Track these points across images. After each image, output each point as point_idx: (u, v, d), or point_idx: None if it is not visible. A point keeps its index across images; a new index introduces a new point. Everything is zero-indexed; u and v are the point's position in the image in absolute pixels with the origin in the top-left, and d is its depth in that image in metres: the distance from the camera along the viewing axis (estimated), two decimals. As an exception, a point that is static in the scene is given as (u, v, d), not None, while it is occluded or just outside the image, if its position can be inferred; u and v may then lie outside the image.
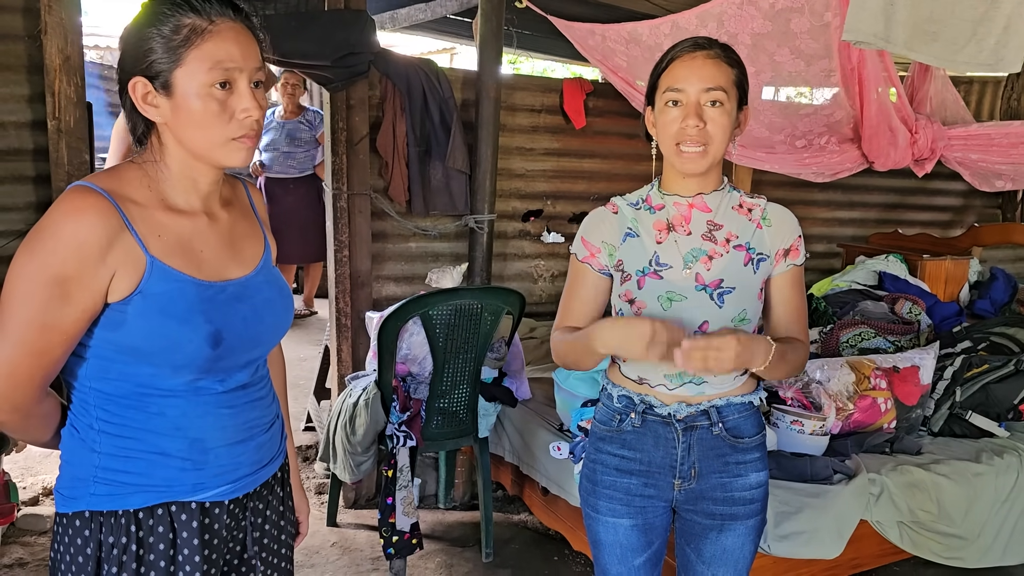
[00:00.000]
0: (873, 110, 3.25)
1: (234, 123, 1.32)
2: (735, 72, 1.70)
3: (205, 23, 1.29)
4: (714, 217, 1.76)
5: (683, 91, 1.67)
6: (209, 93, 1.29)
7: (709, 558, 1.83)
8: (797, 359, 1.76)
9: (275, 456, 1.53)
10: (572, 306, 1.85)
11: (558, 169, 4.70)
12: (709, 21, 3.09)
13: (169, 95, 1.30)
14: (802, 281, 1.81)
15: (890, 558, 2.99)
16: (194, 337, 1.32)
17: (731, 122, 1.69)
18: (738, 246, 1.74)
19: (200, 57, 1.28)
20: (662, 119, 1.70)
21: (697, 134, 1.65)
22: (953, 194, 6.00)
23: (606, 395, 1.87)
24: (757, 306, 1.76)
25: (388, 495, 3.01)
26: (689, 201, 1.76)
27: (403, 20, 5.52)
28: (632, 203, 1.82)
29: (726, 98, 1.67)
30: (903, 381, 3.32)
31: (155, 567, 1.36)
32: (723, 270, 1.73)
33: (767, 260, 1.76)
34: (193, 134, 1.32)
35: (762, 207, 1.78)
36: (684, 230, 1.76)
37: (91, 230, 1.24)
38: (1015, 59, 1.93)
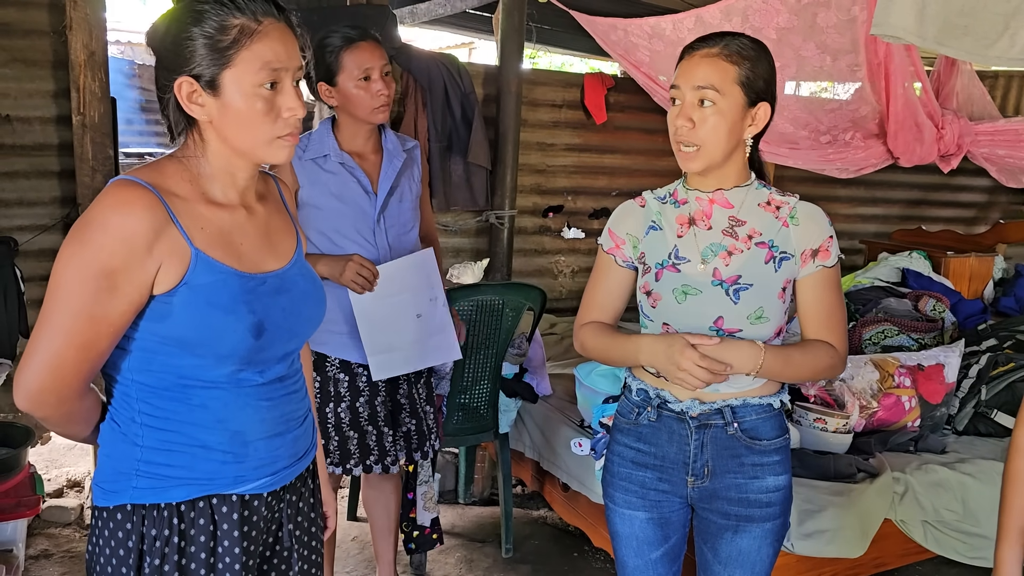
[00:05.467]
0: (899, 105, 3.22)
1: (280, 122, 1.34)
2: (736, 69, 1.65)
3: (254, 24, 1.29)
4: (737, 213, 1.74)
5: (679, 89, 1.67)
6: (257, 93, 1.30)
7: (725, 558, 1.82)
8: (814, 364, 1.72)
9: (309, 449, 1.55)
10: (596, 297, 1.87)
11: (579, 164, 4.69)
12: (734, 15, 3.07)
13: (216, 95, 1.30)
14: (836, 283, 1.75)
15: (913, 557, 2.97)
16: (238, 327, 1.33)
17: (726, 121, 1.65)
18: (760, 243, 1.72)
19: (250, 58, 1.29)
20: (668, 119, 1.71)
21: (687, 134, 1.65)
22: (978, 190, 5.94)
23: (627, 388, 1.88)
24: (778, 305, 1.72)
25: (409, 490, 3.02)
26: (710, 196, 1.75)
27: (423, 15, 5.52)
28: (660, 197, 1.82)
29: (717, 97, 1.63)
30: (928, 379, 3.29)
31: (196, 559, 1.38)
32: (742, 266, 1.71)
33: (791, 259, 1.72)
34: (239, 133, 1.33)
35: (791, 205, 1.75)
36: (705, 225, 1.74)
37: (138, 223, 1.25)
38: (1048, 55, 1.91)
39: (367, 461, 2.54)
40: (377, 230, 2.45)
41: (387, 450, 2.56)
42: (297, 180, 2.39)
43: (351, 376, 2.50)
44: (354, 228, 2.43)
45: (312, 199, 2.40)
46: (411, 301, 2.50)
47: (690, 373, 1.61)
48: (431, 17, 5.57)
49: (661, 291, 1.74)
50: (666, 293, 1.73)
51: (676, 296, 1.72)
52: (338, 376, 2.50)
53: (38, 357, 1.27)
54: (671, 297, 1.73)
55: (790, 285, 1.74)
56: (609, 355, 1.82)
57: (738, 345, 1.65)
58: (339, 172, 2.41)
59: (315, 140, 2.44)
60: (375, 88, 2.34)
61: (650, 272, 1.77)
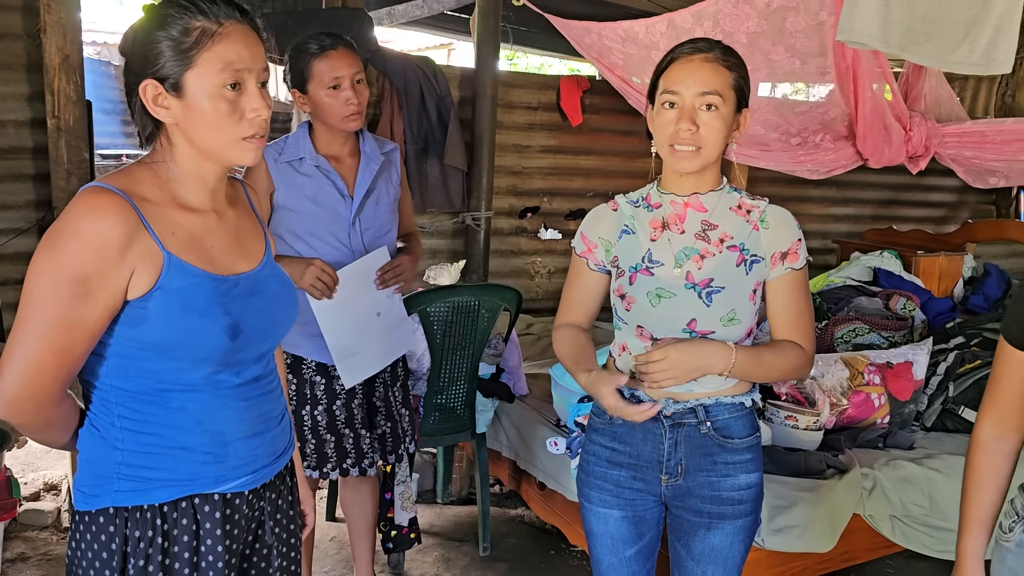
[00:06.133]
0: (868, 108, 3.28)
1: (244, 123, 1.36)
2: (733, 75, 1.71)
3: (215, 25, 1.32)
4: (709, 217, 1.77)
5: (679, 93, 1.69)
6: (220, 94, 1.32)
7: (698, 555, 1.85)
8: (784, 364, 1.77)
9: (287, 447, 1.58)
10: (571, 300, 1.91)
11: (555, 166, 4.73)
12: (705, 19, 3.12)
13: (180, 96, 1.33)
14: (804, 285, 1.79)
15: (881, 552, 3.02)
16: (214, 329, 1.35)
17: (726, 125, 1.70)
18: (732, 246, 1.76)
19: (211, 59, 1.31)
20: (659, 120, 1.72)
21: (690, 137, 1.67)
22: (947, 190, 6.04)
23: None
24: (749, 307, 1.76)
25: (386, 490, 3.04)
26: (685, 200, 1.78)
27: (400, 16, 5.54)
28: (632, 201, 1.85)
29: (721, 102, 1.68)
30: (896, 377, 3.35)
31: (180, 558, 1.40)
32: (714, 270, 1.75)
33: (761, 262, 1.76)
34: (205, 134, 1.35)
35: (761, 209, 1.79)
36: (678, 228, 1.78)
37: (111, 229, 1.27)
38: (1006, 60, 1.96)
39: (344, 464, 2.55)
40: (352, 233, 2.47)
41: (364, 452, 2.58)
42: (272, 183, 2.40)
43: (328, 379, 2.52)
44: (328, 231, 2.44)
45: (287, 201, 2.42)
46: (371, 301, 2.51)
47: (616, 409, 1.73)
48: (409, 19, 5.59)
49: (635, 294, 1.77)
50: (640, 296, 1.77)
51: (650, 299, 1.76)
52: (315, 379, 2.52)
53: (14, 364, 1.28)
54: (645, 300, 1.76)
55: (760, 287, 1.79)
56: (567, 367, 1.90)
57: (710, 346, 1.69)
58: (314, 175, 2.42)
59: (291, 143, 2.45)
60: (344, 97, 2.35)
61: (624, 275, 1.80)
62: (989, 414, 1.64)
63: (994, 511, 1.64)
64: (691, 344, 1.69)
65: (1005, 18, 1.93)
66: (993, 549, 1.62)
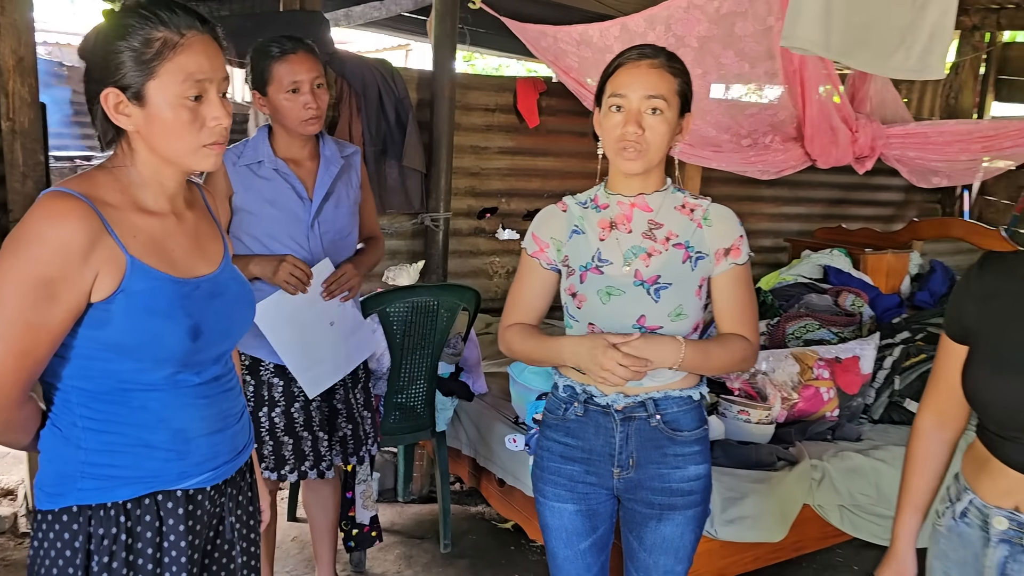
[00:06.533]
0: (815, 110, 3.38)
1: (205, 131, 1.39)
2: (678, 81, 1.78)
3: (176, 36, 1.34)
4: (655, 216, 1.84)
5: (626, 97, 1.75)
6: (181, 103, 1.35)
7: (650, 546, 1.91)
8: (730, 356, 1.84)
9: (247, 444, 1.61)
10: (521, 299, 1.95)
11: (512, 167, 4.78)
12: (657, 24, 3.19)
13: (142, 105, 1.35)
14: (747, 280, 1.87)
15: (831, 540, 3.12)
16: (176, 331, 1.38)
17: (670, 129, 1.77)
18: (677, 244, 1.83)
19: (173, 70, 1.34)
20: (606, 123, 1.78)
21: (636, 139, 1.74)
22: (894, 190, 6.19)
23: (553, 386, 1.96)
24: (695, 302, 1.83)
25: (347, 489, 3.06)
26: (631, 201, 1.85)
27: (357, 17, 5.54)
28: (581, 202, 1.90)
29: (666, 106, 1.74)
30: (845, 371, 3.46)
31: (144, 554, 1.43)
32: (661, 267, 1.81)
33: (706, 259, 1.83)
34: (166, 142, 1.38)
35: (704, 207, 1.86)
36: (625, 228, 1.84)
37: (74, 233, 1.29)
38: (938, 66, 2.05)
39: (302, 467, 2.57)
40: (311, 235, 2.49)
41: (322, 455, 2.59)
42: (231, 186, 2.42)
43: (286, 381, 2.53)
44: (287, 233, 2.46)
45: (246, 204, 2.43)
46: (321, 312, 2.53)
47: (612, 372, 1.70)
48: (366, 20, 5.59)
49: (586, 292, 1.83)
50: (591, 294, 1.82)
51: (601, 297, 1.81)
52: (272, 381, 2.53)
53: None
54: (596, 298, 1.82)
55: (705, 283, 1.86)
56: (534, 356, 1.91)
57: (660, 340, 1.75)
58: (273, 178, 2.44)
59: (250, 146, 2.47)
60: (303, 101, 2.37)
61: (574, 274, 1.85)
62: (930, 405, 1.72)
63: (929, 497, 1.73)
64: (644, 339, 1.75)
65: (938, 26, 2.03)
66: (930, 534, 1.70)
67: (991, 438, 1.56)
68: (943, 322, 1.68)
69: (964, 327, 1.60)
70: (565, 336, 1.87)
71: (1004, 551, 1.50)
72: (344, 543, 3.11)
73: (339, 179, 2.55)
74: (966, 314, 1.60)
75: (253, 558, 1.67)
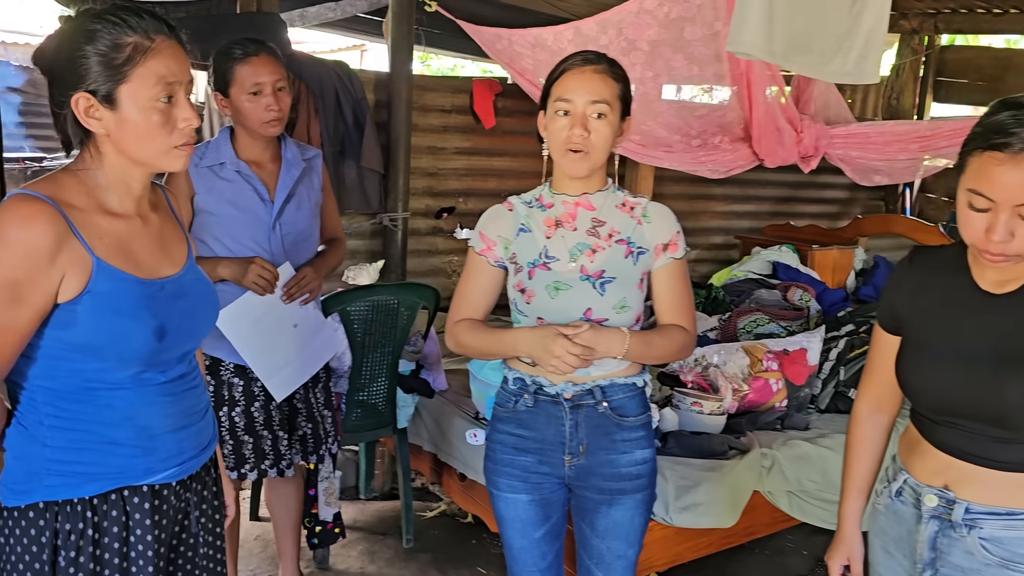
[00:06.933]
0: (761, 112, 3.50)
1: (176, 132, 1.43)
2: (619, 86, 1.87)
3: (147, 41, 1.38)
4: (598, 215, 1.93)
5: (572, 101, 1.83)
6: (153, 107, 1.39)
7: (602, 531, 1.99)
8: (671, 345, 1.93)
9: (211, 440, 1.65)
10: (468, 296, 2.00)
11: (469, 167, 4.84)
12: (609, 28, 3.28)
13: (113, 109, 1.39)
14: (684, 273, 1.97)
15: (780, 526, 3.24)
16: (142, 331, 1.42)
17: (613, 131, 1.86)
18: (620, 240, 1.92)
19: (145, 74, 1.38)
20: (552, 125, 1.87)
21: (582, 142, 1.82)
22: (840, 188, 6.37)
23: (503, 380, 2.03)
24: (638, 295, 1.93)
25: (310, 487, 3.10)
26: (576, 200, 1.93)
27: (313, 18, 5.55)
28: (526, 202, 1.98)
29: (609, 110, 1.83)
30: (792, 363, 3.58)
31: (110, 548, 1.46)
32: (605, 262, 1.90)
33: (647, 253, 1.93)
34: (137, 144, 1.42)
35: (643, 205, 1.96)
36: (570, 226, 1.93)
37: (41, 236, 1.33)
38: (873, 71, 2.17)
39: (262, 465, 2.60)
40: (272, 236, 2.52)
41: (282, 454, 2.62)
42: (192, 187, 2.44)
43: (246, 381, 2.56)
44: (248, 235, 2.49)
45: (208, 205, 2.46)
46: (284, 315, 2.57)
47: (562, 359, 1.77)
48: (321, 21, 5.61)
49: (535, 288, 1.90)
50: (540, 290, 1.90)
51: (549, 292, 1.89)
52: (232, 380, 2.55)
53: None
54: (545, 293, 1.89)
55: (647, 276, 1.95)
56: (486, 350, 1.98)
57: (607, 331, 1.84)
58: (235, 180, 2.47)
59: (212, 148, 2.50)
60: (265, 103, 2.41)
61: (522, 271, 1.92)
62: (866, 392, 1.83)
63: (870, 479, 1.83)
64: (592, 330, 1.82)
65: (873, 33, 2.14)
66: (869, 512, 1.81)
67: (923, 422, 1.67)
68: (876, 314, 1.79)
69: (896, 318, 1.71)
70: (516, 328, 1.94)
71: (934, 527, 1.60)
72: (308, 540, 3.14)
73: (301, 181, 2.59)
74: (897, 306, 1.70)
75: (219, 552, 1.71)
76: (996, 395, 1.49)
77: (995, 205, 1.41)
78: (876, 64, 2.17)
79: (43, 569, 1.42)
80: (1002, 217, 1.40)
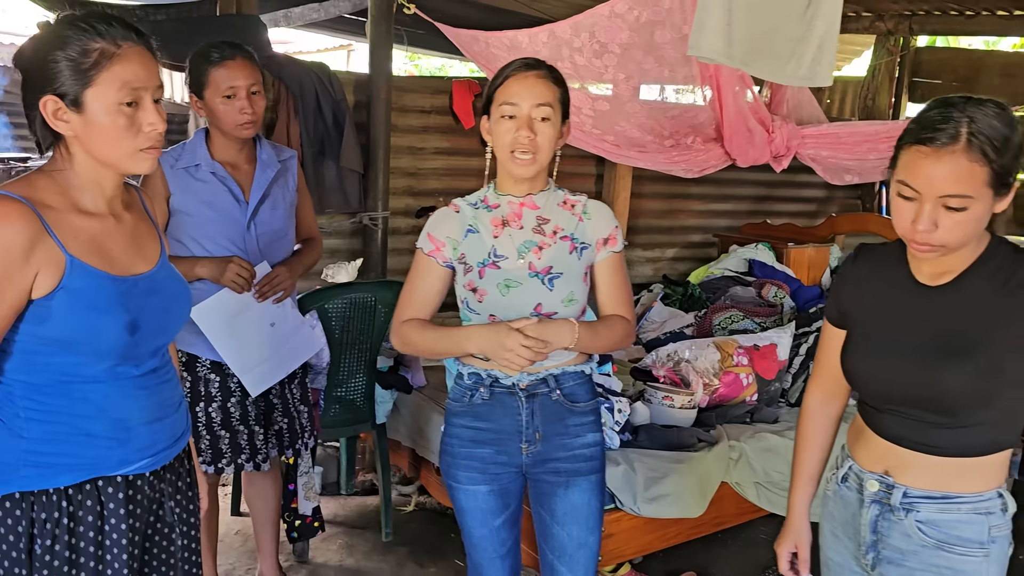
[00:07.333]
0: (731, 113, 3.57)
1: (141, 136, 1.49)
2: (559, 90, 1.96)
3: (113, 47, 1.44)
4: (542, 213, 2.01)
5: (517, 105, 1.90)
6: (118, 110, 1.45)
7: (561, 517, 2.06)
8: (615, 334, 2.02)
9: (184, 431, 1.71)
10: (416, 296, 2.04)
11: (449, 167, 4.91)
12: (582, 31, 3.33)
13: (80, 112, 1.45)
14: (623, 266, 2.07)
15: (748, 516, 3.31)
16: (115, 326, 1.48)
17: (556, 133, 1.95)
18: (564, 237, 2.00)
19: (109, 79, 1.44)
20: (498, 129, 1.93)
21: (528, 144, 1.89)
22: (817, 187, 6.45)
23: (457, 375, 2.09)
24: (583, 288, 2.01)
25: (290, 481, 3.16)
26: (520, 200, 2.01)
27: (297, 18, 5.60)
28: (472, 203, 2.04)
29: (552, 113, 1.92)
30: (762, 358, 3.66)
31: (85, 537, 1.52)
32: (552, 258, 1.98)
33: (589, 248, 2.02)
34: (103, 146, 1.48)
35: (583, 203, 2.04)
36: (517, 225, 2.00)
37: (16, 234, 1.39)
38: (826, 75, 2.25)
39: (239, 460, 2.66)
40: (247, 236, 2.58)
41: (258, 448, 2.68)
42: (168, 188, 2.50)
43: (222, 377, 2.61)
44: (224, 234, 2.55)
45: (183, 206, 2.52)
46: (261, 313, 2.62)
47: (516, 353, 1.84)
48: (306, 21, 5.65)
49: (486, 287, 1.97)
50: (491, 288, 1.97)
51: (500, 289, 1.96)
52: (209, 376, 2.61)
53: None
54: (496, 291, 1.96)
55: (590, 270, 2.03)
56: (437, 348, 2.01)
57: (557, 324, 1.92)
58: (210, 181, 2.53)
59: (188, 150, 2.55)
60: (239, 106, 2.46)
61: (472, 271, 1.98)
62: (815, 384, 1.91)
63: (819, 468, 1.91)
64: (542, 323, 1.90)
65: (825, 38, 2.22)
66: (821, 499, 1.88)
67: (867, 411, 1.75)
68: (824, 308, 1.87)
69: (841, 312, 1.79)
70: (467, 326, 1.99)
71: (875, 511, 1.68)
72: (287, 534, 3.20)
73: (275, 182, 2.64)
74: (842, 300, 1.78)
75: (193, 541, 1.77)
76: (933, 382, 1.57)
77: (920, 196, 1.49)
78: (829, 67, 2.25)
79: (20, 557, 1.47)
80: (926, 207, 1.48)
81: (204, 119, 2.58)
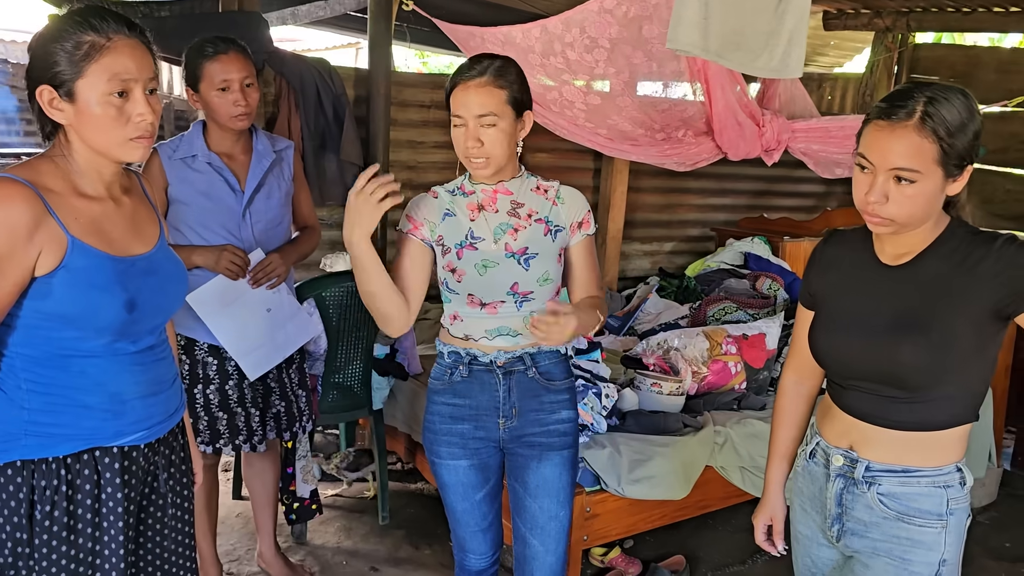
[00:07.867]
0: (720, 106, 3.64)
1: (131, 125, 1.57)
2: (506, 93, 1.96)
3: (103, 40, 1.53)
4: (516, 198, 2.09)
5: (462, 116, 1.96)
6: (108, 101, 1.54)
7: (534, 489, 2.15)
8: (604, 314, 2.13)
9: (179, 407, 1.80)
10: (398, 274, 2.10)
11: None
12: (573, 26, 3.41)
13: (72, 101, 1.54)
14: (594, 248, 2.16)
15: (733, 500, 3.38)
16: (113, 303, 1.57)
17: (507, 135, 1.98)
18: (538, 220, 2.08)
19: (99, 70, 1.52)
20: (454, 134, 2.00)
21: (477, 152, 1.96)
22: (815, 181, 6.48)
23: (439, 355, 2.18)
24: (557, 269, 2.10)
25: (288, 465, 3.25)
26: (494, 188, 2.08)
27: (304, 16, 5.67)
28: (449, 190, 2.13)
29: (497, 119, 1.95)
30: (751, 347, 3.73)
31: (83, 504, 1.61)
32: (527, 239, 2.06)
33: (563, 231, 2.10)
34: (95, 135, 1.57)
35: (556, 188, 2.12)
36: (492, 209, 2.08)
37: (20, 215, 1.48)
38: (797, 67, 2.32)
39: (236, 441, 2.75)
40: (243, 225, 2.67)
41: (254, 430, 2.77)
42: (166, 178, 2.60)
43: (220, 360, 2.70)
44: (220, 223, 2.64)
45: (181, 196, 2.62)
46: (257, 299, 2.71)
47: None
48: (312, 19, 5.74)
49: (464, 267, 2.05)
50: (469, 268, 2.05)
51: (478, 269, 2.05)
52: (207, 360, 2.70)
53: None
54: (473, 271, 2.05)
55: (564, 252, 2.12)
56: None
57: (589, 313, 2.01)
58: (207, 171, 2.63)
59: (185, 141, 2.65)
60: (232, 98, 2.55)
61: (451, 252, 2.07)
62: (790, 364, 1.99)
63: (793, 446, 1.99)
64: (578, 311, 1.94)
65: (794, 31, 2.29)
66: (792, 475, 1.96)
67: (833, 388, 1.82)
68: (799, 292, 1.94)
69: (811, 295, 1.87)
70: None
71: (840, 484, 1.76)
72: (286, 516, 3.30)
73: (271, 172, 2.74)
74: (811, 283, 1.86)
75: (186, 512, 1.86)
76: (890, 357, 1.64)
77: (874, 167, 1.57)
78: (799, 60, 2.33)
79: (21, 522, 1.56)
80: (879, 179, 1.56)
81: (201, 111, 2.67)
